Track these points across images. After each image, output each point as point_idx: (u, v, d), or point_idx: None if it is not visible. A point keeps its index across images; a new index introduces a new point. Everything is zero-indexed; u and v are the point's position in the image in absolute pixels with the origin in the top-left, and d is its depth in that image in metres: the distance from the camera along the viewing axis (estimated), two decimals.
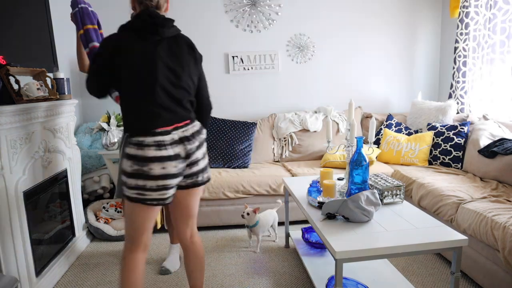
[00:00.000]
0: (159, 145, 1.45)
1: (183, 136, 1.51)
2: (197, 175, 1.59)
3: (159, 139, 1.45)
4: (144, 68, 1.48)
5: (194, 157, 1.54)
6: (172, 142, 1.47)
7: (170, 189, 1.52)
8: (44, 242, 2.21)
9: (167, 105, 1.50)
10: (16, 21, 2.31)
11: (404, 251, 1.50)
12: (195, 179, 1.59)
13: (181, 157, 1.50)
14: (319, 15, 3.66)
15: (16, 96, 1.92)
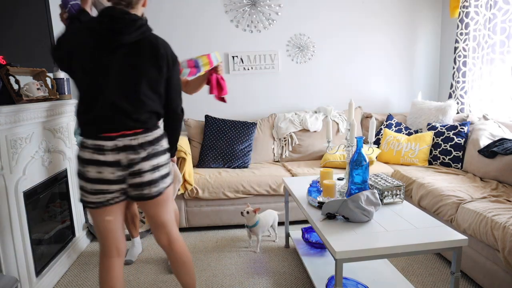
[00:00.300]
0: (98, 149, 1.41)
1: (128, 145, 1.43)
2: (142, 188, 1.48)
3: (100, 143, 1.42)
4: (92, 79, 1.42)
5: (137, 168, 1.44)
6: (114, 148, 1.42)
7: (108, 194, 1.46)
8: (44, 242, 2.21)
9: (111, 117, 1.42)
10: (16, 21, 2.31)
11: (404, 251, 1.50)
12: (140, 191, 1.49)
13: (122, 165, 1.43)
14: (319, 15, 3.66)
15: (16, 96, 1.92)
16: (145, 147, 1.45)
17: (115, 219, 1.55)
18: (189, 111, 3.65)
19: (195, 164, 3.24)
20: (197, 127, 3.40)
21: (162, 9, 3.49)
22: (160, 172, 1.51)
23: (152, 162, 1.47)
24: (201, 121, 3.43)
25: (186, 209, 2.90)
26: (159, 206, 1.58)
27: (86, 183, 1.45)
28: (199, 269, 2.36)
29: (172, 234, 1.66)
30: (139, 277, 2.29)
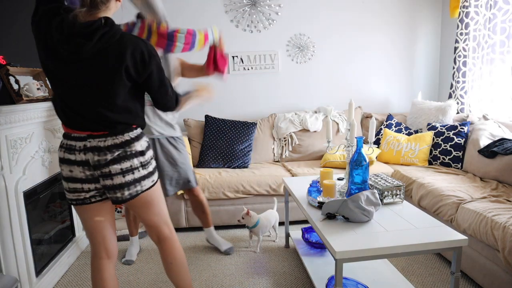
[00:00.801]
0: (69, 149, 1.43)
1: (96, 146, 1.40)
2: (114, 191, 1.44)
3: (71, 143, 1.43)
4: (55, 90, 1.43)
5: (107, 170, 1.41)
6: (83, 148, 1.41)
7: (83, 192, 1.47)
8: (44, 242, 2.21)
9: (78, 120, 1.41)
10: (16, 22, 2.31)
11: (404, 251, 1.50)
12: (113, 194, 1.46)
13: (90, 165, 1.42)
14: (319, 15, 3.66)
15: (16, 96, 1.92)
16: (112, 150, 1.41)
17: (102, 218, 1.54)
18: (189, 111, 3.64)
19: (195, 164, 3.24)
20: (197, 127, 3.40)
21: None
22: (134, 176, 1.45)
23: (122, 165, 1.42)
24: (201, 121, 3.43)
25: (186, 209, 2.90)
26: (142, 208, 1.54)
27: (63, 181, 1.49)
28: (199, 269, 2.36)
29: (161, 233, 1.63)
30: (139, 277, 2.29)
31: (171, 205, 2.88)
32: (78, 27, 1.31)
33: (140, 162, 1.47)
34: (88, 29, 1.31)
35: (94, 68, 1.35)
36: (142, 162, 1.47)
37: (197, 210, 2.54)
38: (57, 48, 1.35)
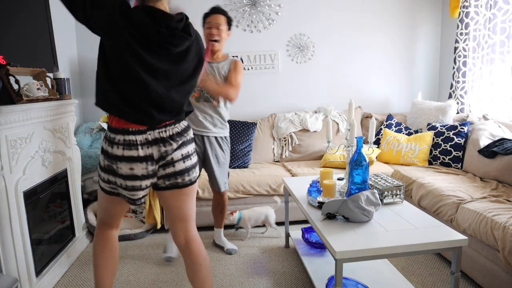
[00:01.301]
0: (129, 144, 1.40)
1: (158, 137, 1.42)
2: (175, 177, 1.48)
3: (130, 138, 1.40)
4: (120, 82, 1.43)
5: (169, 158, 1.44)
6: (145, 142, 1.41)
7: (141, 190, 1.47)
8: (44, 242, 2.21)
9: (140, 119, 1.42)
10: (16, 21, 2.31)
11: (404, 251, 1.50)
12: (173, 180, 1.49)
13: (154, 159, 1.43)
14: (319, 15, 3.66)
15: (16, 96, 1.92)
16: (175, 138, 1.46)
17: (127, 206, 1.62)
18: None
19: None
20: None
21: None
22: (191, 161, 1.52)
23: (183, 151, 1.48)
24: None
25: None
26: (187, 197, 1.56)
27: (118, 179, 1.45)
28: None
29: (191, 231, 1.61)
30: (139, 277, 2.29)
31: None
32: (174, 21, 1.37)
33: (194, 148, 1.57)
34: (182, 23, 1.39)
35: (184, 60, 1.44)
36: (194, 149, 1.58)
37: (217, 209, 2.57)
38: (153, 40, 1.35)
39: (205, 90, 2.27)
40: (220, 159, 2.40)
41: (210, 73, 2.30)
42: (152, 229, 2.95)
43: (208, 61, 2.30)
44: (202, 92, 2.30)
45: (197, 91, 2.30)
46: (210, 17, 2.30)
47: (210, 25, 2.28)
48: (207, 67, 2.28)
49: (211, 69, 2.32)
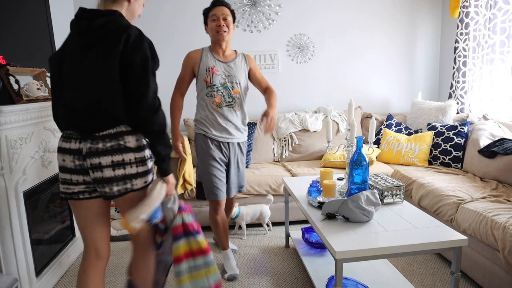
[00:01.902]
0: (67, 137, 1.43)
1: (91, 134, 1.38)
2: (103, 185, 1.38)
3: (71, 131, 1.42)
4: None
5: (96, 161, 1.36)
6: (79, 137, 1.39)
7: (72, 184, 1.42)
8: (44, 242, 2.21)
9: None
10: (16, 21, 2.31)
11: (404, 251, 1.50)
12: (101, 188, 1.40)
13: (82, 154, 1.38)
14: (319, 15, 3.66)
15: (16, 96, 1.92)
16: (106, 139, 1.36)
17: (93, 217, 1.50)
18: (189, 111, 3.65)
19: (195, 164, 3.23)
20: None
21: (162, 10, 3.49)
22: (125, 171, 1.38)
23: (114, 157, 1.36)
24: None
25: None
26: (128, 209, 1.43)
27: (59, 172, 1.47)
28: None
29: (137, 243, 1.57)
30: None
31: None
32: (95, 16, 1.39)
33: (135, 158, 1.40)
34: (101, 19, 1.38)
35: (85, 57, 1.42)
36: (136, 159, 1.40)
37: (226, 210, 2.52)
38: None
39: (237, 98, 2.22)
40: (240, 165, 2.34)
41: (228, 74, 2.20)
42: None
43: (221, 60, 2.22)
44: (224, 97, 2.19)
45: (218, 96, 2.18)
46: (214, 9, 2.19)
47: (215, 17, 2.17)
48: (223, 68, 2.20)
49: (229, 69, 2.21)
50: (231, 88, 2.19)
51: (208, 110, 2.19)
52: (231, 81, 2.20)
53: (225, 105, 2.19)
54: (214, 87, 2.16)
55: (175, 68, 3.61)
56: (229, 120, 2.21)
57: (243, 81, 2.24)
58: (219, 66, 2.19)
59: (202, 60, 2.21)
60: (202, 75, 2.19)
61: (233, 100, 2.20)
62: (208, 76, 2.17)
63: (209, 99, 2.18)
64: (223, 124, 2.20)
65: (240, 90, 2.22)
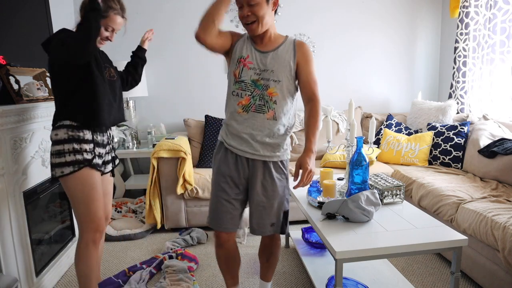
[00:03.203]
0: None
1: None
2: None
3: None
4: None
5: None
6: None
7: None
8: (44, 242, 2.21)
9: None
10: (16, 21, 2.31)
11: (404, 251, 1.50)
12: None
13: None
14: (319, 15, 3.66)
15: (16, 96, 1.92)
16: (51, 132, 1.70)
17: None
18: (189, 111, 3.65)
19: (195, 164, 3.23)
20: (197, 127, 3.39)
21: (162, 9, 3.50)
22: (54, 160, 1.68)
23: (52, 148, 1.68)
24: (201, 121, 3.43)
25: (186, 209, 2.90)
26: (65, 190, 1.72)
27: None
28: (199, 269, 2.36)
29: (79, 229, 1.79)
30: None
31: (171, 205, 2.88)
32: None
33: (55, 150, 1.67)
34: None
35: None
36: (53, 151, 1.67)
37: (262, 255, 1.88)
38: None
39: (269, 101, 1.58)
40: (269, 192, 1.65)
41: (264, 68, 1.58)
42: (152, 229, 2.95)
43: (259, 50, 1.60)
44: (254, 99, 1.58)
45: (246, 97, 1.59)
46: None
47: (239, 3, 1.55)
48: (258, 60, 1.58)
49: (266, 61, 1.58)
50: (265, 87, 1.57)
51: (231, 113, 1.64)
52: (267, 78, 1.57)
53: (253, 109, 1.59)
54: (243, 84, 1.59)
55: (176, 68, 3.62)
56: (255, 129, 1.60)
57: (286, 79, 1.58)
58: (254, 57, 1.59)
59: (238, 46, 1.63)
60: (232, 66, 1.63)
61: (266, 104, 1.58)
62: (238, 68, 1.60)
63: (235, 98, 1.61)
64: (245, 133, 1.61)
65: (279, 92, 1.58)
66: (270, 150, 1.63)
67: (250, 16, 1.51)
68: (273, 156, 1.64)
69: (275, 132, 1.61)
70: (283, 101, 1.60)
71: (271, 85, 1.57)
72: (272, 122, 1.60)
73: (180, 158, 2.78)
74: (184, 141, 3.00)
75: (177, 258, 2.42)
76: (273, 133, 1.61)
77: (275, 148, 1.64)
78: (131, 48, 2.14)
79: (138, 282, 2.15)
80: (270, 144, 1.62)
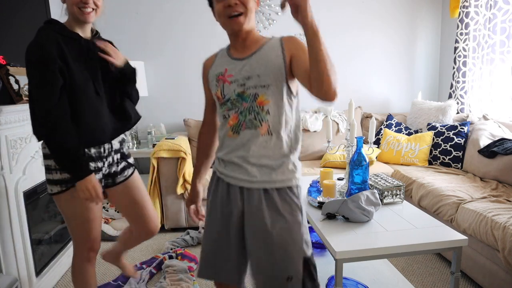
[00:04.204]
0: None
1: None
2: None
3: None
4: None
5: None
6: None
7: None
8: (44, 242, 2.21)
9: None
10: (16, 21, 2.31)
11: (404, 251, 1.50)
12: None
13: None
14: (319, 15, 3.66)
15: (16, 96, 1.92)
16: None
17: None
18: (189, 111, 3.65)
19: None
20: (197, 127, 3.39)
21: (161, 9, 3.49)
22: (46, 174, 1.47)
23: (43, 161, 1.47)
24: (201, 121, 3.42)
25: (186, 209, 2.90)
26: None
27: None
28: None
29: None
30: None
31: (171, 205, 2.88)
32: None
33: (44, 164, 1.46)
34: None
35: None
36: (46, 165, 1.46)
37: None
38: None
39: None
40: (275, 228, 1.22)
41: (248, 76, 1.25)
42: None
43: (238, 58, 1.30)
44: (242, 115, 1.25)
45: (233, 115, 1.26)
46: None
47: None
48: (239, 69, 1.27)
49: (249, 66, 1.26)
50: (253, 97, 1.23)
51: (221, 139, 1.34)
52: (253, 85, 1.23)
53: (244, 127, 1.25)
54: (228, 103, 1.27)
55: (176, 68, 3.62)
56: (248, 149, 1.24)
57: (275, 81, 1.24)
58: (234, 68, 1.28)
59: (213, 66, 1.36)
60: (213, 89, 1.34)
61: (258, 116, 1.23)
62: (218, 88, 1.29)
63: (224, 122, 1.30)
64: (236, 157, 1.26)
65: (270, 98, 1.23)
66: (271, 174, 1.24)
67: (238, 5, 1.25)
68: (276, 181, 1.24)
69: (274, 150, 1.24)
70: (277, 110, 1.23)
71: (260, 93, 1.23)
72: (268, 137, 1.23)
73: (180, 158, 2.78)
74: (184, 141, 3.00)
75: (177, 258, 2.42)
76: (272, 152, 1.24)
77: (277, 170, 1.24)
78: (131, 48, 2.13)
79: (138, 282, 2.15)
80: (270, 165, 1.24)
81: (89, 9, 1.45)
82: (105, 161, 1.56)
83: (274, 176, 1.24)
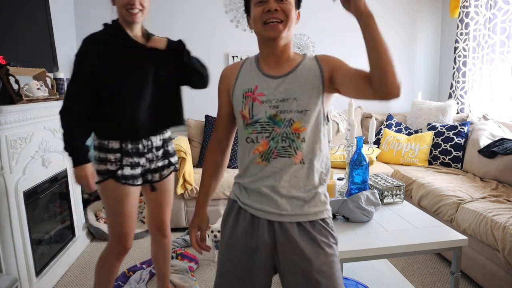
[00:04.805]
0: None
1: None
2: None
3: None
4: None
5: None
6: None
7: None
8: (44, 242, 2.21)
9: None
10: (16, 21, 2.31)
11: (404, 251, 1.50)
12: None
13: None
14: (319, 15, 3.66)
15: (16, 96, 1.92)
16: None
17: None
18: (189, 111, 3.63)
19: (195, 164, 3.23)
20: (197, 127, 3.39)
21: (161, 9, 3.49)
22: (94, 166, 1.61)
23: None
24: (201, 121, 3.43)
25: (186, 209, 2.90)
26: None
27: None
28: (199, 269, 2.36)
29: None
30: None
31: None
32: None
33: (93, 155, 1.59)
34: None
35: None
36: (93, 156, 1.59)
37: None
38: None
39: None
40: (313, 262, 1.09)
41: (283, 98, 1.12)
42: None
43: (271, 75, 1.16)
44: (274, 141, 1.12)
45: (263, 140, 1.13)
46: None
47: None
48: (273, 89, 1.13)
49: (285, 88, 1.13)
50: (288, 123, 1.11)
51: (247, 166, 1.18)
52: (289, 110, 1.11)
53: (275, 155, 1.12)
54: (257, 125, 1.13)
55: None
56: (278, 179, 1.12)
57: (314, 105, 1.16)
58: (266, 86, 1.14)
59: (239, 78, 1.19)
60: (237, 106, 1.17)
61: (292, 144, 1.12)
62: (246, 106, 1.14)
63: (250, 146, 1.15)
64: (265, 186, 1.13)
65: (307, 125, 1.13)
66: (303, 206, 1.13)
67: (278, 12, 1.11)
68: (309, 213, 1.13)
69: (305, 181, 1.14)
70: (314, 137, 1.15)
71: (296, 118, 1.11)
72: (301, 167, 1.13)
73: (180, 158, 2.78)
74: (184, 141, 3.00)
75: (177, 258, 2.42)
76: (303, 183, 1.13)
77: (310, 203, 1.14)
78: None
79: (138, 282, 2.16)
80: (302, 198, 1.13)
81: (136, 10, 1.53)
82: (144, 157, 1.62)
83: (306, 209, 1.13)
